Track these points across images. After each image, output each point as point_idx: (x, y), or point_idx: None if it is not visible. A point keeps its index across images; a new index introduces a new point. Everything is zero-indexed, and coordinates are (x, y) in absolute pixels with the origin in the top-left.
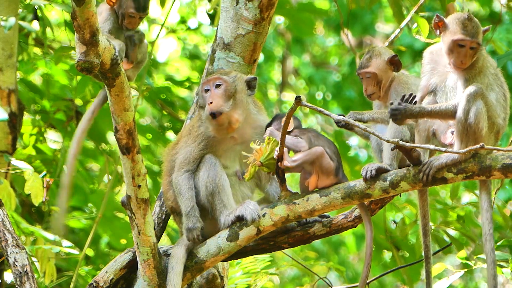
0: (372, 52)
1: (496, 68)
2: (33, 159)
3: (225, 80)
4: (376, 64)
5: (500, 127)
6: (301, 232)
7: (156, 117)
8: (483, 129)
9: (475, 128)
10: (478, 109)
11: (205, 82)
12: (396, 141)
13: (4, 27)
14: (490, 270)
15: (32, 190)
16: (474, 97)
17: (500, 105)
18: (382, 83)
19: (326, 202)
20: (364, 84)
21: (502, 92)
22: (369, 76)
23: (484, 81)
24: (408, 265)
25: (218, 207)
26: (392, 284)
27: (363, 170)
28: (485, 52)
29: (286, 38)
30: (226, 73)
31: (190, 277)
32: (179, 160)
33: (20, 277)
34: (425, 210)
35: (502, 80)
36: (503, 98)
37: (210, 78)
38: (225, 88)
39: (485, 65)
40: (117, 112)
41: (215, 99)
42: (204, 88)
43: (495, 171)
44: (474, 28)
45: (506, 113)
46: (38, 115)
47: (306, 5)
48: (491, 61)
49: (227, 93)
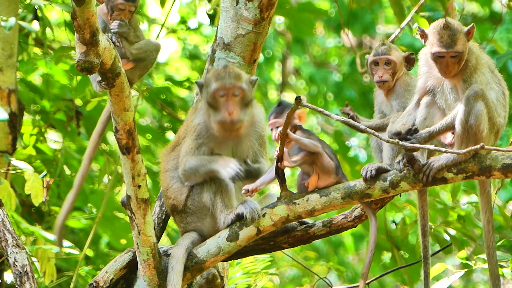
0: (389, 45)
1: (493, 65)
2: (33, 159)
3: (243, 89)
4: (396, 56)
5: (500, 126)
6: (301, 232)
7: (156, 117)
8: (484, 130)
9: (476, 130)
10: (479, 111)
11: (221, 87)
12: (396, 141)
13: (4, 27)
14: (494, 286)
15: (32, 190)
16: (475, 99)
17: (500, 104)
18: (396, 75)
19: (326, 202)
20: (380, 70)
21: (502, 90)
22: (389, 63)
23: (481, 79)
24: (408, 265)
25: (219, 205)
26: (392, 284)
27: (363, 170)
28: (477, 49)
29: (286, 38)
30: (240, 78)
31: (190, 277)
32: (181, 155)
33: (20, 277)
34: (424, 211)
35: (500, 77)
36: (503, 96)
37: (228, 85)
38: (242, 96)
39: (480, 62)
40: (117, 112)
41: (236, 108)
42: (220, 94)
43: (495, 171)
44: (450, 37)
45: (506, 111)
46: (38, 115)
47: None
48: (486, 58)
49: (244, 101)
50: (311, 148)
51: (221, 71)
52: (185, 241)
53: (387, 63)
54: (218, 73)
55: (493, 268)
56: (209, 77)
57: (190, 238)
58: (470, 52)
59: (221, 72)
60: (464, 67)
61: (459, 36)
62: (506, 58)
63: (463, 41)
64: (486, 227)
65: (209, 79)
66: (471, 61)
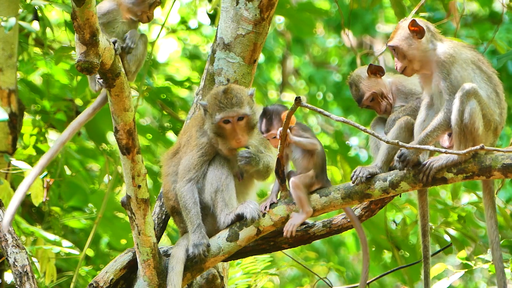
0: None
1: (480, 62)
2: (33, 159)
3: (247, 115)
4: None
5: (497, 123)
6: (301, 232)
7: (156, 117)
8: (479, 128)
9: (471, 128)
10: (472, 109)
11: (225, 117)
12: (396, 142)
13: (5, 28)
14: (499, 279)
15: (32, 190)
16: (467, 97)
17: (493, 101)
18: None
19: (326, 202)
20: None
21: (492, 88)
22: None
23: (463, 74)
24: (408, 265)
25: (219, 205)
26: (392, 284)
27: (353, 173)
28: (438, 44)
29: (286, 38)
30: (242, 103)
31: (190, 277)
32: (181, 169)
33: (20, 277)
34: (424, 210)
35: (491, 73)
36: (494, 93)
37: (232, 114)
38: (247, 121)
39: (457, 58)
40: (117, 112)
41: (243, 135)
42: (223, 121)
43: (495, 171)
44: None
45: (502, 108)
46: (38, 115)
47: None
48: (470, 54)
49: (250, 125)
50: (309, 148)
51: (222, 98)
52: (185, 241)
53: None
54: (220, 100)
55: (497, 262)
56: (211, 105)
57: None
58: (437, 49)
59: (222, 99)
60: (436, 64)
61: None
62: (506, 58)
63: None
64: (489, 222)
65: (211, 108)
66: (434, 56)
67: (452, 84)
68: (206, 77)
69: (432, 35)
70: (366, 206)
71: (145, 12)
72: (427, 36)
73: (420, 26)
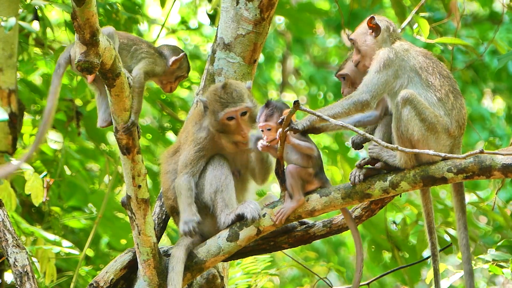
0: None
1: (420, 70)
2: (33, 159)
3: (249, 107)
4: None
5: (446, 123)
6: (301, 232)
7: (156, 117)
8: (414, 134)
9: (406, 135)
10: (405, 116)
11: (229, 113)
12: (396, 147)
13: (5, 28)
14: (466, 280)
15: (32, 190)
16: (402, 104)
17: (434, 104)
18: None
19: (326, 202)
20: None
21: (432, 93)
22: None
23: (392, 79)
24: (408, 265)
25: (219, 205)
26: (392, 284)
27: (350, 175)
28: (388, 45)
29: (286, 38)
30: (243, 97)
31: (190, 277)
32: (179, 164)
33: (20, 277)
34: (428, 208)
35: (432, 79)
36: (435, 97)
37: (235, 109)
38: (250, 114)
39: (386, 58)
40: (117, 112)
41: (247, 129)
42: (227, 117)
43: (495, 171)
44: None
45: (451, 108)
46: (38, 115)
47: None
48: (400, 58)
49: (253, 118)
50: (306, 151)
51: (222, 94)
52: (185, 241)
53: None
54: (220, 96)
55: (465, 264)
56: (211, 101)
57: (190, 238)
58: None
59: (222, 95)
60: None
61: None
62: (507, 58)
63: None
64: (458, 223)
65: (212, 104)
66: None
67: (373, 83)
68: (206, 77)
69: (389, 35)
70: (366, 206)
71: (171, 82)
72: (383, 35)
73: (377, 24)
